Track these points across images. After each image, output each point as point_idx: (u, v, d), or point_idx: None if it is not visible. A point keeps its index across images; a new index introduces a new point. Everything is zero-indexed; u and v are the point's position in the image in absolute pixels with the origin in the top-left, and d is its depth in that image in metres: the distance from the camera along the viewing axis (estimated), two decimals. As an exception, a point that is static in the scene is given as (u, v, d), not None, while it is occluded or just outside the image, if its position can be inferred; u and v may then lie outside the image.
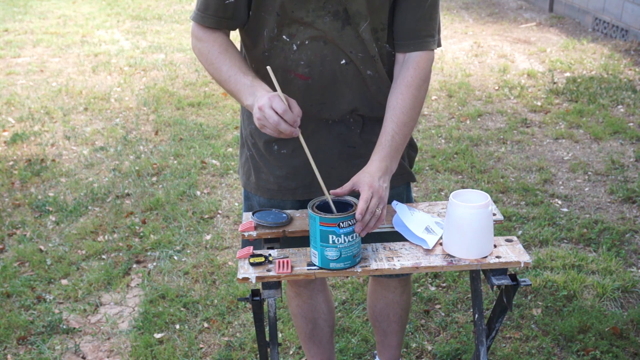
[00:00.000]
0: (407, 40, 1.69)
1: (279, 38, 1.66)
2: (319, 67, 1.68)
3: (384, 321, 2.20)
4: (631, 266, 3.08)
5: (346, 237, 1.52)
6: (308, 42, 1.65)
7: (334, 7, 1.62)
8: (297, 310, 2.16)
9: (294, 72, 1.69)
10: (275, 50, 1.68)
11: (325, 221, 1.50)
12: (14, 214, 3.74)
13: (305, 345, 2.24)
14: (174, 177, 4.12)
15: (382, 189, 1.59)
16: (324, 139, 1.79)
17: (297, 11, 1.62)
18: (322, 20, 1.63)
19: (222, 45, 1.67)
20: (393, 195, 1.85)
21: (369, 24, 1.65)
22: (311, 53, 1.66)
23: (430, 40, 1.70)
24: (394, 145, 1.66)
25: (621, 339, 2.58)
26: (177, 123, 5.03)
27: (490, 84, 5.72)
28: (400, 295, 2.14)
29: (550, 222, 3.44)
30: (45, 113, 5.33)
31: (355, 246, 1.55)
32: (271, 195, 1.87)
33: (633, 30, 6.66)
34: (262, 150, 1.82)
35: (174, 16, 8.99)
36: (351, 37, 1.66)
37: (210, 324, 2.77)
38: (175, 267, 3.18)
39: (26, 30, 8.25)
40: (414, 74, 1.69)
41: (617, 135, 4.55)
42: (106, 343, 2.70)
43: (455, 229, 1.57)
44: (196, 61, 6.72)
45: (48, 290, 3.04)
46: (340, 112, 1.75)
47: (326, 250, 1.52)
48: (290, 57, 1.67)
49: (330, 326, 2.22)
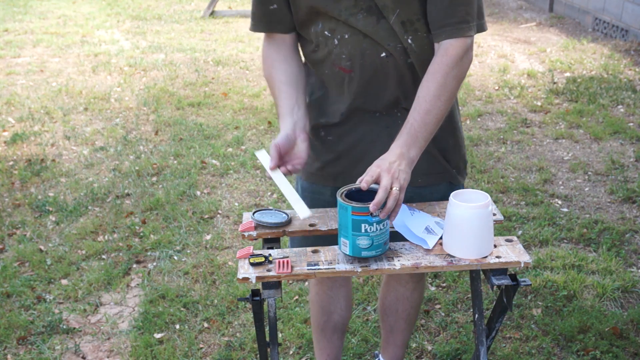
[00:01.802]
0: (439, 28, 1.67)
1: (322, 34, 1.72)
2: (359, 60, 1.72)
3: (392, 315, 2.21)
4: (631, 266, 3.08)
5: (378, 225, 1.52)
6: (348, 36, 1.70)
7: (366, 3, 1.65)
8: (315, 298, 2.17)
9: (337, 65, 1.74)
10: (321, 46, 1.75)
11: (358, 210, 1.50)
12: (14, 214, 3.74)
13: (316, 337, 2.25)
14: (174, 177, 4.12)
15: (395, 170, 1.57)
16: (370, 131, 1.81)
17: (330, 10, 1.67)
18: (355, 17, 1.67)
19: (280, 54, 1.80)
20: (434, 194, 1.86)
21: (398, 16, 1.66)
22: (351, 47, 1.71)
23: (463, 26, 1.66)
24: (412, 132, 1.63)
25: (621, 339, 2.58)
26: (177, 123, 5.03)
27: (490, 84, 5.72)
28: (411, 291, 2.15)
29: (550, 222, 3.44)
30: (45, 113, 5.33)
31: (385, 233, 1.56)
32: (313, 180, 1.91)
33: (633, 30, 6.66)
34: (310, 135, 1.85)
35: (174, 16, 8.99)
36: (387, 30, 1.68)
37: (210, 324, 2.77)
38: (175, 267, 3.18)
39: (26, 30, 8.25)
40: (440, 60, 1.66)
41: (617, 135, 4.55)
42: (106, 343, 2.70)
43: (455, 229, 1.57)
44: (196, 61, 6.73)
45: (48, 290, 3.04)
46: (384, 104, 1.78)
47: (358, 239, 1.53)
48: (333, 51, 1.73)
49: (344, 324, 2.22)
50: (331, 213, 1.79)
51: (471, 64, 1.75)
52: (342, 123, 1.81)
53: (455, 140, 1.88)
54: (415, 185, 1.84)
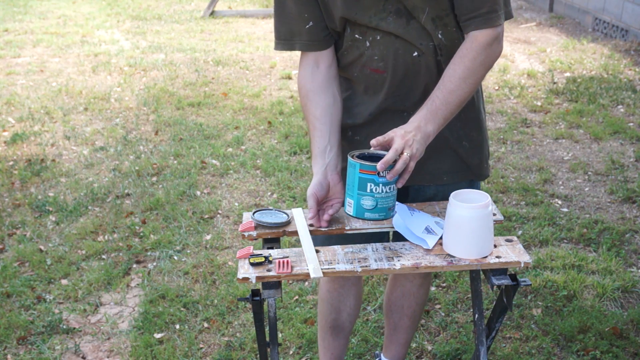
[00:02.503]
0: (468, 20, 1.68)
1: (352, 37, 1.72)
2: (392, 60, 1.72)
3: (397, 312, 2.21)
4: (631, 266, 3.08)
5: (384, 187, 1.54)
6: (380, 37, 1.70)
7: (394, 5, 1.66)
8: (326, 295, 2.16)
9: (369, 67, 1.74)
10: (351, 49, 1.75)
11: (366, 168, 1.51)
12: (14, 214, 3.74)
13: (322, 335, 2.24)
14: (174, 177, 4.12)
15: (410, 139, 1.59)
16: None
17: (360, 19, 1.67)
18: (386, 21, 1.67)
19: (314, 83, 1.77)
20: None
21: (428, 14, 1.67)
22: (384, 48, 1.71)
23: (492, 15, 1.66)
24: (432, 108, 1.65)
25: (621, 339, 2.58)
26: (177, 123, 5.03)
27: (490, 84, 5.72)
28: (417, 288, 2.16)
29: (550, 222, 3.44)
30: (45, 113, 5.33)
31: (391, 199, 1.57)
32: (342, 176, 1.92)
33: (633, 30, 6.66)
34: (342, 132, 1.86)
35: (174, 16, 8.99)
36: (418, 30, 1.69)
37: (210, 324, 2.77)
38: (175, 267, 3.18)
39: (26, 30, 8.25)
40: (469, 46, 1.67)
41: (617, 135, 4.55)
42: (106, 343, 2.70)
43: (455, 229, 1.57)
44: (196, 61, 6.73)
45: (48, 290, 3.04)
46: (412, 103, 1.78)
47: (363, 198, 1.54)
48: (365, 54, 1.73)
49: (351, 322, 2.22)
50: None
51: (501, 54, 1.74)
52: (369, 123, 1.82)
53: (481, 136, 1.88)
54: (439, 184, 1.86)
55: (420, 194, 1.91)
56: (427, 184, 1.87)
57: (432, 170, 1.83)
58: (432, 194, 1.88)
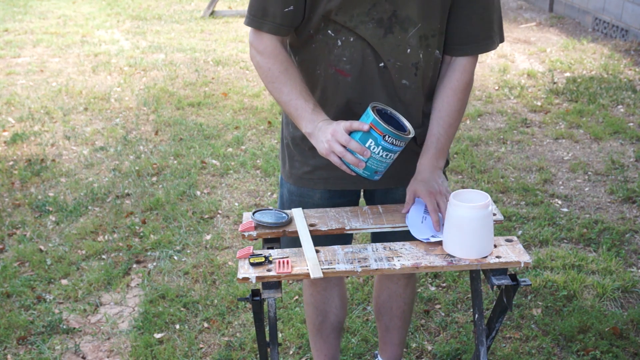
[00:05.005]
0: (464, 44, 1.71)
1: (325, 32, 1.68)
2: (359, 65, 1.70)
3: (386, 314, 2.22)
4: (631, 266, 3.08)
5: (383, 151, 1.53)
6: (353, 39, 1.68)
7: (379, 14, 1.63)
8: (310, 299, 2.17)
9: (335, 67, 1.71)
10: (320, 44, 1.70)
11: (376, 125, 1.51)
12: (14, 214, 3.74)
13: (313, 338, 2.25)
14: (174, 177, 4.12)
15: (440, 186, 1.72)
16: None
17: (341, 15, 1.63)
18: (365, 26, 1.64)
19: (282, 63, 1.70)
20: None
21: (418, 31, 1.66)
22: (354, 50, 1.68)
23: (488, 42, 1.72)
24: (439, 146, 1.74)
25: (621, 339, 2.58)
26: (177, 123, 5.03)
27: (490, 84, 5.72)
28: (403, 288, 2.16)
29: (550, 222, 3.44)
30: (45, 113, 5.33)
31: (382, 165, 1.57)
32: (302, 184, 1.90)
33: (633, 30, 6.66)
34: (298, 140, 1.85)
35: (174, 16, 8.98)
36: (392, 45, 1.67)
37: (210, 324, 2.77)
38: (175, 267, 3.18)
39: (26, 30, 8.25)
40: (460, 77, 1.73)
41: (617, 135, 4.55)
42: (106, 343, 2.70)
43: (455, 229, 1.57)
44: (196, 61, 6.73)
45: (48, 290, 3.04)
46: None
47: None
48: (333, 52, 1.70)
49: (340, 322, 2.22)
50: (331, 213, 1.79)
51: None
52: None
53: None
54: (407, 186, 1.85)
55: (389, 196, 1.92)
56: (395, 186, 1.89)
57: (398, 173, 1.82)
58: (400, 196, 1.88)
